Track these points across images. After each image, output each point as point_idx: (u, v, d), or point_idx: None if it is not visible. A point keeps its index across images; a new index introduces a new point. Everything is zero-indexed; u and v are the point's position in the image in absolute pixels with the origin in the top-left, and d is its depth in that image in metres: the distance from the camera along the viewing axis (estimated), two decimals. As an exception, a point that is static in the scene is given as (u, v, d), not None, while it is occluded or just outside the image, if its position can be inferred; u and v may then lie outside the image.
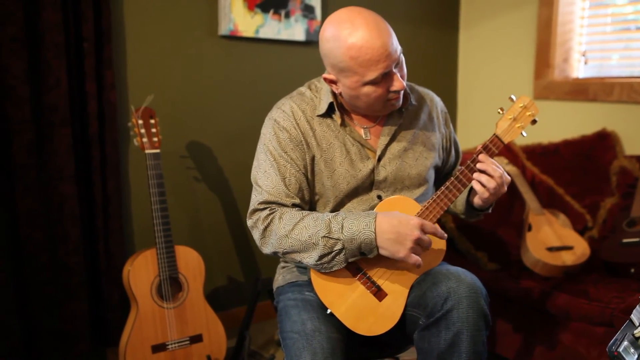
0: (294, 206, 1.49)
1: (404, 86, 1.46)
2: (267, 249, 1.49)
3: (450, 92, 3.37)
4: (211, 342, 2.18)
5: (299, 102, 1.55)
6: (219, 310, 2.42)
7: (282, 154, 1.50)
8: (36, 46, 2.01)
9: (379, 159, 1.55)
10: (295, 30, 2.64)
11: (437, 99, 1.70)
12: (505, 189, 1.47)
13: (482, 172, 1.44)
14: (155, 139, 2.09)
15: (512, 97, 1.51)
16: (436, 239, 1.46)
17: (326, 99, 1.53)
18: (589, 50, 2.90)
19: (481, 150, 1.47)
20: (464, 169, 1.47)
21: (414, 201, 1.50)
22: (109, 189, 2.22)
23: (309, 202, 1.55)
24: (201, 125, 2.51)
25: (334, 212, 1.52)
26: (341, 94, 1.51)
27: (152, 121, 2.10)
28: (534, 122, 1.50)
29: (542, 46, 2.91)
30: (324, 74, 1.51)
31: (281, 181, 1.49)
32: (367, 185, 1.56)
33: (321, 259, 1.41)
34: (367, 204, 1.55)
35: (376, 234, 1.37)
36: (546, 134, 2.71)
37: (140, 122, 2.08)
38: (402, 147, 1.57)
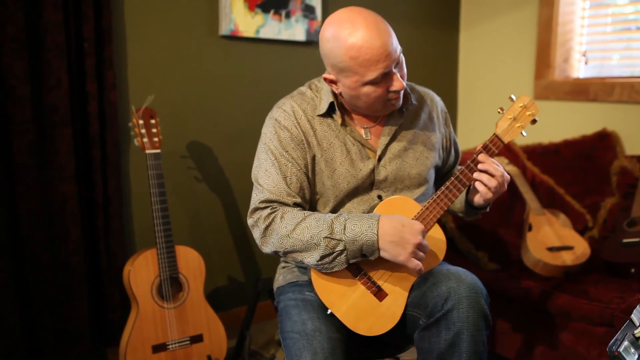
0: (295, 205, 1.49)
1: (404, 86, 1.45)
2: (267, 248, 1.48)
3: (450, 92, 3.37)
4: (211, 342, 2.18)
5: (299, 102, 1.55)
6: (220, 310, 2.42)
7: (283, 153, 1.50)
8: (37, 46, 2.01)
9: (379, 159, 1.55)
10: (295, 30, 2.64)
11: (437, 99, 1.70)
12: (505, 188, 1.48)
13: (483, 171, 1.45)
14: (155, 139, 2.09)
15: (512, 96, 1.51)
16: (437, 239, 1.46)
17: (327, 99, 1.53)
18: (590, 50, 2.90)
19: (481, 150, 1.47)
20: (464, 168, 1.47)
21: (414, 201, 1.50)
22: (110, 189, 2.22)
23: (310, 202, 1.55)
24: (201, 125, 2.51)
25: (334, 212, 1.52)
26: (341, 94, 1.51)
27: (153, 121, 2.10)
28: (534, 121, 1.50)
29: (543, 46, 2.91)
30: (324, 74, 1.51)
31: (282, 180, 1.49)
32: (368, 185, 1.56)
33: (322, 259, 1.41)
34: (368, 204, 1.55)
35: (378, 236, 1.37)
36: (547, 134, 2.71)
37: (140, 122, 2.08)
38: (402, 146, 1.57)
